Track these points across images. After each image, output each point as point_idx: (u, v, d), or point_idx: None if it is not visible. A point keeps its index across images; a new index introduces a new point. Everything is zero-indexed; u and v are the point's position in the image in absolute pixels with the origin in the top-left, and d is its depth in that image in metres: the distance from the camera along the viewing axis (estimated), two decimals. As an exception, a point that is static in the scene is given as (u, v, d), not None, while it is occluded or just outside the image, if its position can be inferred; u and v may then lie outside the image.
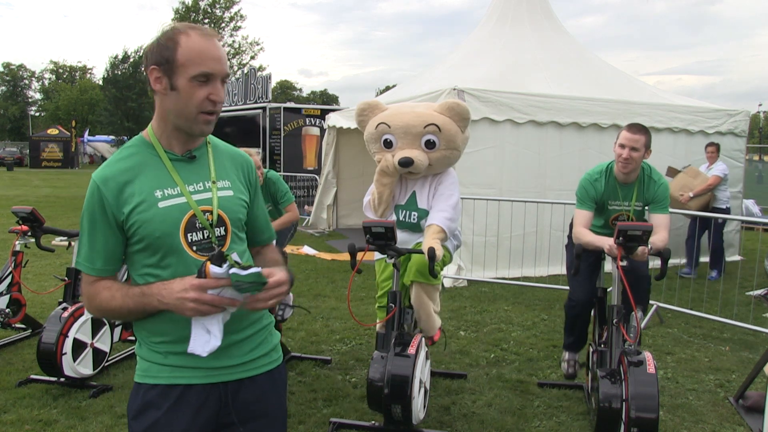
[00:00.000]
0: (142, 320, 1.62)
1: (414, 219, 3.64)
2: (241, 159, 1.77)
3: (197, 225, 1.59)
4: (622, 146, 3.54)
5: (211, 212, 1.62)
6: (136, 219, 1.55)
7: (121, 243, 1.59)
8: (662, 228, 3.53)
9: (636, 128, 3.58)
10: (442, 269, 3.74)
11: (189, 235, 1.58)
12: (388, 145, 3.65)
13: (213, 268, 1.46)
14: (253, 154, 4.40)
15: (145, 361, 1.65)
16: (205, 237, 1.61)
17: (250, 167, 1.78)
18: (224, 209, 1.64)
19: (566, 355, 4.04)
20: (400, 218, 3.66)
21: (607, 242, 3.31)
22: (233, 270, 1.44)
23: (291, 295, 4.57)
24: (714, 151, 7.90)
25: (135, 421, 1.62)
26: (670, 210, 3.81)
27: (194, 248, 1.59)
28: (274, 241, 1.98)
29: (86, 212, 1.58)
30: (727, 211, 7.83)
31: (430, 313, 3.69)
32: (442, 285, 4.00)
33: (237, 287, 1.46)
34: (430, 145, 3.55)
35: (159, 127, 1.63)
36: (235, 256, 1.55)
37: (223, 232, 1.64)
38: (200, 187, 1.63)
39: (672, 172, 7.86)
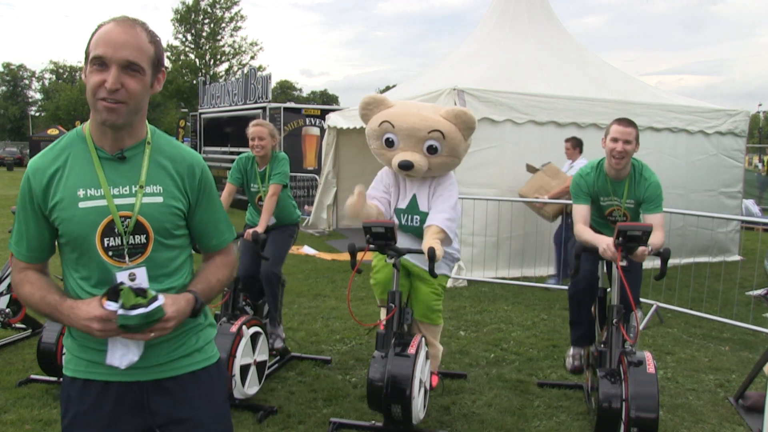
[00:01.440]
0: None
1: (416, 223, 3.64)
2: (185, 164, 1.65)
3: (116, 230, 1.55)
4: (615, 140, 3.54)
5: (130, 218, 1.56)
6: (58, 215, 1.56)
7: (47, 233, 1.60)
8: (658, 228, 3.53)
9: (626, 122, 3.60)
10: (442, 292, 3.78)
11: (106, 240, 1.55)
12: (389, 144, 3.63)
13: (107, 304, 1.47)
14: (265, 125, 4.36)
15: (68, 352, 1.66)
16: (123, 243, 1.56)
17: (192, 173, 1.66)
18: (147, 216, 1.57)
19: (572, 350, 3.98)
20: (403, 222, 3.65)
21: (603, 242, 3.31)
22: (120, 311, 1.45)
23: (281, 327, 4.51)
24: (571, 147, 7.04)
25: (63, 416, 1.66)
26: (664, 209, 3.81)
27: (110, 253, 1.55)
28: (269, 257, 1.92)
29: (18, 199, 1.61)
30: None
31: (430, 354, 3.74)
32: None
33: (123, 327, 1.46)
34: (432, 150, 3.52)
35: (92, 121, 1.59)
36: (140, 281, 1.55)
37: (143, 240, 1.58)
38: (126, 191, 1.57)
39: (530, 169, 7.19)
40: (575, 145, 7.05)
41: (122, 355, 1.54)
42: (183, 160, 1.65)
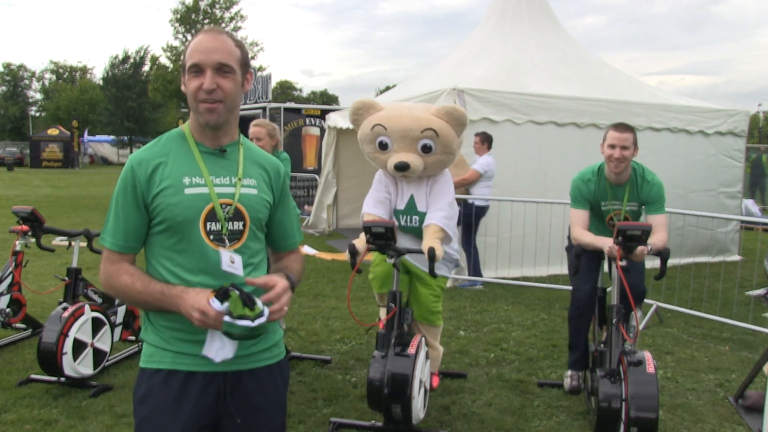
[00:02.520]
0: None
1: (416, 223, 3.65)
2: (272, 165, 1.85)
3: (216, 216, 1.69)
4: (612, 146, 3.54)
5: (231, 205, 1.70)
6: (162, 201, 1.65)
7: (144, 224, 1.68)
8: (661, 228, 3.54)
9: (623, 127, 3.60)
10: (441, 293, 3.79)
11: (209, 224, 1.68)
12: (383, 147, 3.64)
13: (213, 303, 1.53)
14: (263, 125, 4.34)
15: (151, 345, 1.72)
16: (222, 229, 1.69)
17: (278, 172, 1.85)
18: (245, 205, 1.72)
19: (569, 371, 4.04)
20: (402, 223, 3.66)
21: (607, 243, 3.31)
22: (226, 318, 1.51)
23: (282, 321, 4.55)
24: (479, 141, 6.90)
25: (140, 405, 1.70)
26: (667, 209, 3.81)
27: (211, 237, 1.68)
28: None
29: (118, 190, 1.69)
30: (480, 210, 6.92)
31: (431, 355, 3.74)
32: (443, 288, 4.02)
33: (226, 334, 1.53)
34: (426, 149, 3.53)
35: (192, 122, 1.75)
36: (237, 266, 1.64)
37: (240, 227, 1.72)
38: (226, 181, 1.72)
39: None
40: (483, 140, 6.91)
41: (218, 350, 1.60)
42: (269, 161, 1.85)
